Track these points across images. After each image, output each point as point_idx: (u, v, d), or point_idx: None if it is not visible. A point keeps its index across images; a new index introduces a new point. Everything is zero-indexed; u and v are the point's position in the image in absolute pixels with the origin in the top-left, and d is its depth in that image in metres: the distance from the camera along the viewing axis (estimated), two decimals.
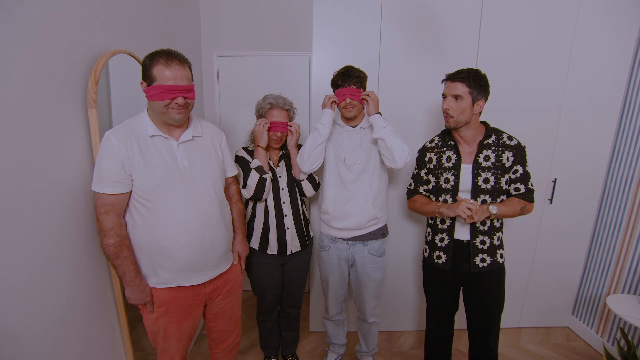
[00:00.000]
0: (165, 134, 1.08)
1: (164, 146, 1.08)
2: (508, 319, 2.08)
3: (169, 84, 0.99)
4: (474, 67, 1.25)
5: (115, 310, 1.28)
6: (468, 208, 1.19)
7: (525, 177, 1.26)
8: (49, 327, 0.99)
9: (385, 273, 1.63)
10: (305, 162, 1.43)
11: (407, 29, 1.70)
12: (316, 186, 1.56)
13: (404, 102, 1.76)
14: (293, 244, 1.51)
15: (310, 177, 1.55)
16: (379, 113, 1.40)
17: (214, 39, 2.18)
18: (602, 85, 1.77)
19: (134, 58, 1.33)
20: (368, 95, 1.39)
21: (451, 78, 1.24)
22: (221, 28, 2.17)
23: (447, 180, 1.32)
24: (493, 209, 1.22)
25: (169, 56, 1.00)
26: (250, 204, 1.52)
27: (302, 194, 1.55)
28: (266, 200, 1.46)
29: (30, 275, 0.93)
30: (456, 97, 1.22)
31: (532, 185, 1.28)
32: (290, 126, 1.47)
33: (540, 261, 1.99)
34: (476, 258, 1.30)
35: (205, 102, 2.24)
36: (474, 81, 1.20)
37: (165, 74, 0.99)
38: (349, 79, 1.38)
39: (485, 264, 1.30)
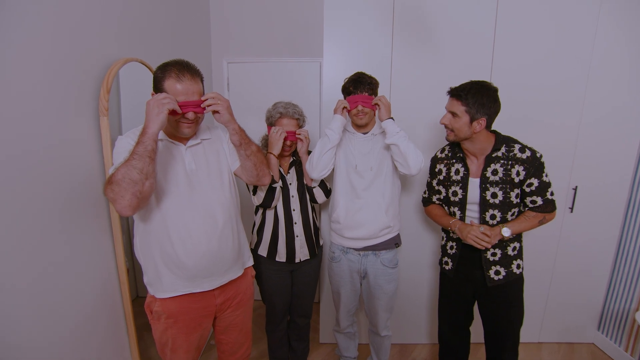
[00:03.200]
0: (173, 140, 1.09)
1: (172, 149, 1.09)
2: (527, 333, 2.01)
3: (180, 99, 1.00)
4: (482, 80, 1.21)
5: (124, 318, 1.29)
6: (477, 237, 1.19)
7: (541, 189, 1.21)
8: (55, 336, 1.00)
9: (399, 284, 1.61)
10: (314, 168, 1.42)
11: (419, 35, 1.69)
12: (327, 192, 1.56)
13: (415, 109, 1.74)
14: (302, 252, 1.50)
15: (322, 184, 1.54)
16: (392, 118, 1.38)
17: (224, 45, 2.21)
18: (624, 93, 1.72)
19: (145, 66, 1.35)
20: (380, 99, 1.38)
21: (451, 93, 1.22)
22: (231, 35, 2.20)
23: (455, 194, 1.31)
24: (506, 232, 1.20)
25: (181, 69, 1.00)
26: (260, 211, 1.52)
27: (314, 201, 1.55)
28: (276, 207, 1.47)
29: (37, 284, 0.94)
30: (452, 114, 1.20)
31: (551, 194, 1.23)
32: (299, 134, 1.47)
33: (560, 272, 1.93)
34: (490, 271, 1.27)
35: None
36: (474, 98, 1.16)
37: (177, 88, 0.99)
38: (360, 86, 1.37)
39: (500, 277, 1.27)
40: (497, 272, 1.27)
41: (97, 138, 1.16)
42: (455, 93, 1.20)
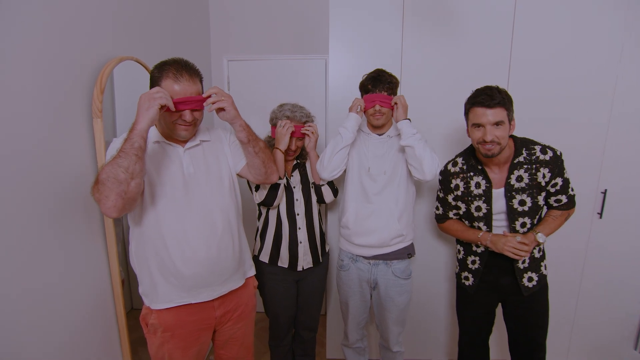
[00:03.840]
0: (170, 142, 1.06)
1: (170, 151, 1.06)
2: (553, 353, 1.88)
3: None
4: (498, 85, 1.17)
5: (117, 332, 1.25)
6: (515, 248, 1.15)
7: (565, 187, 1.21)
8: (40, 352, 0.96)
9: (412, 296, 1.54)
10: (325, 168, 1.38)
11: (431, 29, 1.63)
12: (335, 191, 1.52)
13: (427, 110, 1.68)
14: (305, 260, 1.46)
15: (330, 182, 1.51)
16: (408, 119, 1.33)
17: (224, 42, 2.17)
18: None
19: (141, 64, 1.31)
20: (399, 99, 1.33)
21: (489, 105, 1.11)
22: (231, 31, 2.16)
23: (478, 208, 1.26)
24: (541, 238, 1.17)
25: (179, 69, 0.97)
26: (263, 214, 1.48)
27: (321, 200, 1.51)
28: (279, 210, 1.43)
29: (28, 293, 0.91)
30: (497, 123, 1.12)
31: (572, 189, 1.24)
32: (306, 129, 1.43)
33: (589, 285, 1.81)
34: (524, 279, 1.24)
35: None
36: (508, 100, 1.13)
37: (174, 89, 0.97)
38: (379, 85, 1.34)
39: (534, 282, 1.25)
40: (530, 279, 1.25)
41: (90, 141, 1.13)
42: (494, 101, 1.11)
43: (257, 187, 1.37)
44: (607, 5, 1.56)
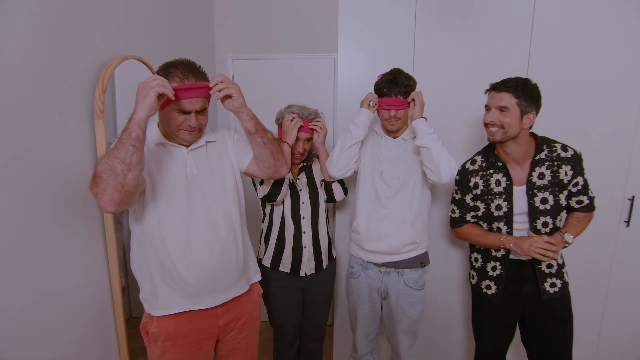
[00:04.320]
0: (174, 143, 1.05)
1: (174, 153, 1.05)
2: None
3: (183, 107, 0.96)
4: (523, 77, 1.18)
5: (116, 341, 1.23)
6: (543, 248, 1.10)
7: (586, 187, 1.22)
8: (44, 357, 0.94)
9: (426, 307, 1.49)
10: (335, 166, 1.36)
11: (445, 24, 1.58)
12: (345, 190, 1.52)
13: (441, 112, 1.62)
14: (309, 266, 1.45)
15: (340, 180, 1.49)
16: (424, 118, 1.29)
17: (229, 41, 2.16)
18: None
19: (144, 63, 1.30)
20: (417, 95, 1.29)
21: (496, 88, 1.17)
22: (236, 29, 2.14)
23: (498, 207, 1.23)
24: (569, 238, 1.15)
25: (186, 73, 0.96)
26: (267, 217, 1.46)
27: (331, 200, 1.50)
28: (283, 212, 1.42)
29: (24, 299, 0.89)
30: (502, 108, 1.14)
31: (591, 192, 1.24)
32: (314, 124, 1.40)
33: (616, 300, 1.72)
34: (545, 284, 1.21)
35: (218, 110, 2.21)
36: (523, 91, 1.13)
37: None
38: (395, 88, 1.30)
39: (556, 289, 1.22)
40: (553, 285, 1.22)
41: (92, 143, 1.11)
42: (503, 86, 1.15)
43: (262, 182, 1.36)
44: (632, 7, 1.49)
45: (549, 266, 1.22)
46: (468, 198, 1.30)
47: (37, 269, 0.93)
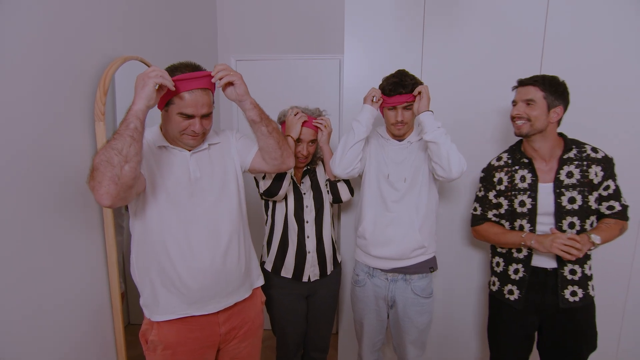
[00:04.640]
0: (176, 146, 1.04)
1: (176, 155, 1.04)
2: None
3: (187, 111, 0.95)
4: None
5: (115, 349, 1.21)
6: (566, 245, 1.06)
7: (618, 193, 1.20)
8: None
9: (436, 315, 1.45)
10: (338, 165, 1.34)
11: (453, 25, 1.56)
12: (352, 189, 1.51)
13: (450, 113, 1.59)
14: (312, 271, 1.43)
15: (346, 179, 1.47)
16: (431, 111, 1.26)
17: (232, 41, 2.15)
18: None
19: (146, 65, 1.28)
20: (423, 89, 1.27)
21: (523, 82, 1.20)
22: (239, 30, 2.14)
23: (522, 204, 1.21)
24: (596, 239, 1.11)
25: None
26: (269, 219, 1.44)
27: (337, 200, 1.49)
28: (286, 215, 1.41)
29: (23, 310, 0.88)
30: (528, 102, 1.16)
31: (625, 200, 1.21)
32: (319, 123, 1.39)
33: (635, 304, 1.66)
34: (565, 291, 1.18)
35: (222, 111, 2.20)
36: (550, 85, 1.15)
37: (185, 97, 0.95)
38: (401, 90, 1.27)
39: (576, 298, 1.18)
40: (574, 293, 1.18)
41: (92, 145, 1.10)
42: (530, 80, 1.17)
43: (264, 176, 1.34)
44: None
45: (572, 272, 1.17)
46: (491, 195, 1.29)
47: (36, 273, 0.91)
